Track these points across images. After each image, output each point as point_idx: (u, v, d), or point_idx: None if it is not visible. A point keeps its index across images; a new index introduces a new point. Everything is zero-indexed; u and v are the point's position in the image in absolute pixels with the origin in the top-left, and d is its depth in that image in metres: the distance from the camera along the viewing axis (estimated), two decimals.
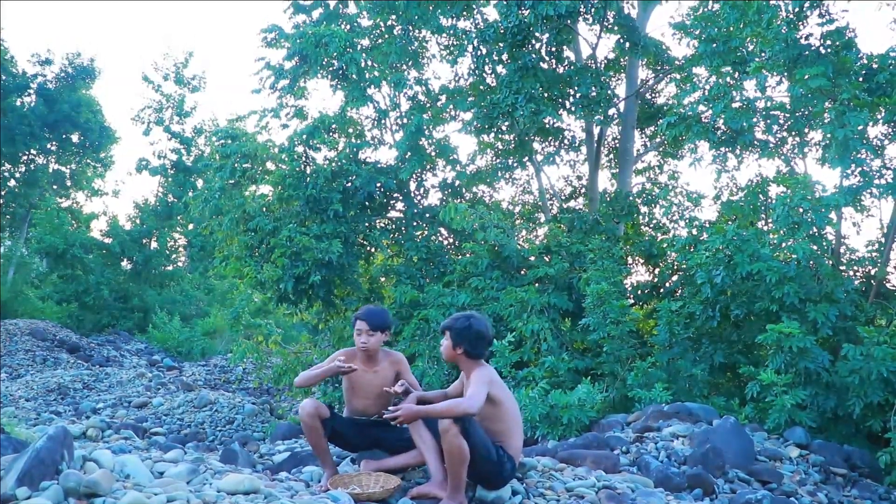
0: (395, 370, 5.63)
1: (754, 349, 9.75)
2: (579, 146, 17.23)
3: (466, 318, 5.09)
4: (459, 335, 5.02)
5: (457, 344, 5.04)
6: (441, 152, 15.74)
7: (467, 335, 5.01)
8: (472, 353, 5.03)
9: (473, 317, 5.11)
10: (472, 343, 5.01)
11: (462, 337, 5.02)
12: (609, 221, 14.18)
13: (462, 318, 5.10)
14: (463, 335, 5.01)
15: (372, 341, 5.52)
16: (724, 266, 9.26)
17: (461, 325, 5.03)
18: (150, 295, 33.06)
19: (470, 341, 5.01)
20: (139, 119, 36.19)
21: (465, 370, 5.08)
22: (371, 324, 5.52)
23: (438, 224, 14.99)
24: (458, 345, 5.03)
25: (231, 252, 15.46)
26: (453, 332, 5.05)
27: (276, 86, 15.70)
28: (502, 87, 13.85)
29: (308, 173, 14.72)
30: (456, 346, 5.04)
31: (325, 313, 15.52)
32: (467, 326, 5.03)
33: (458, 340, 5.03)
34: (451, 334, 5.06)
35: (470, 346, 5.01)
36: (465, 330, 5.02)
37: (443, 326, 5.18)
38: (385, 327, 5.59)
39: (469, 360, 5.04)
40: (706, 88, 11.22)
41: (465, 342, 5.01)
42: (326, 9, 16.10)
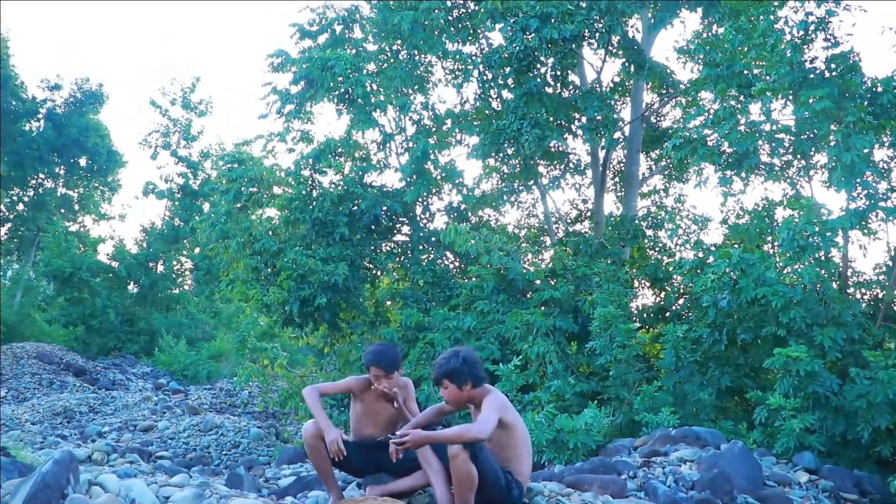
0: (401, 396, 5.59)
1: (761, 373, 9.70)
2: (585, 170, 17.26)
3: (455, 357, 4.98)
4: (460, 375, 4.94)
5: (462, 384, 4.97)
6: (447, 176, 15.79)
7: (466, 370, 4.94)
8: (477, 382, 4.98)
9: (459, 352, 5.03)
10: (472, 373, 4.96)
11: (463, 375, 4.94)
12: (615, 245, 14.18)
13: (451, 359, 4.98)
14: (463, 373, 4.94)
15: (392, 382, 5.49)
16: (730, 290, 9.23)
17: (456, 366, 4.93)
18: (156, 318, 33.08)
19: (470, 373, 4.96)
20: (146, 143, 36.38)
21: (476, 402, 5.02)
22: (386, 368, 5.47)
23: (444, 248, 15.00)
24: (464, 384, 4.97)
25: (237, 275, 15.49)
26: (453, 376, 4.95)
27: (282, 110, 15.80)
28: (508, 112, 13.90)
29: (314, 197, 14.77)
30: (462, 386, 4.97)
31: (330, 337, 15.50)
32: (461, 362, 4.93)
33: (461, 380, 4.96)
34: (452, 379, 4.96)
35: (472, 377, 4.97)
36: (462, 367, 4.93)
37: (438, 377, 5.04)
38: (399, 365, 5.55)
39: (476, 388, 4.99)
40: (711, 112, 11.25)
41: (468, 377, 4.96)
42: (332, 34, 16.22)
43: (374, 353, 5.51)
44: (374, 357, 5.47)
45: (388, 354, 5.51)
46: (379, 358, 5.46)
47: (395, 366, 5.49)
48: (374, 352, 5.53)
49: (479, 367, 4.99)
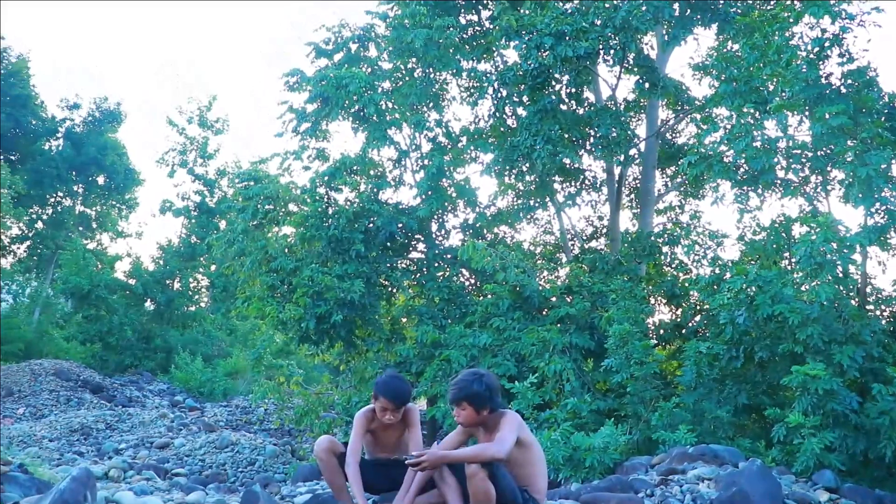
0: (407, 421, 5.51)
1: (779, 390, 9.62)
2: (600, 187, 17.26)
3: (478, 381, 4.91)
4: (480, 399, 4.90)
5: (481, 408, 4.94)
6: (462, 193, 15.82)
7: (486, 394, 4.91)
8: (494, 407, 4.96)
9: (481, 375, 4.98)
10: (492, 397, 4.94)
11: (482, 399, 4.91)
12: (631, 261, 14.15)
13: (474, 382, 4.92)
14: (483, 397, 4.91)
15: (397, 416, 5.44)
16: (747, 307, 9.18)
17: (477, 390, 4.88)
18: (172, 335, 33.19)
19: (489, 397, 4.93)
20: (163, 161, 36.58)
21: (489, 426, 4.98)
22: (396, 403, 5.40)
23: (460, 265, 15.01)
24: (482, 408, 4.94)
25: (253, 293, 15.54)
26: (473, 399, 4.91)
27: (298, 128, 15.89)
28: (522, 128, 13.93)
29: (330, 214, 14.84)
30: (480, 410, 4.94)
31: (346, 354, 15.52)
32: (483, 387, 4.87)
33: (481, 404, 4.92)
34: (472, 401, 4.92)
35: (491, 401, 4.94)
36: (483, 391, 4.88)
37: (455, 398, 4.97)
38: (405, 399, 5.45)
39: (494, 412, 4.97)
40: (727, 128, 11.22)
41: (487, 401, 4.93)
42: (348, 52, 16.32)
43: (386, 385, 5.36)
44: (385, 389, 5.33)
45: (402, 389, 5.37)
46: (392, 392, 5.32)
47: (406, 402, 5.41)
48: (386, 384, 5.37)
49: (498, 392, 4.97)
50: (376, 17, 16.33)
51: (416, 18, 15.00)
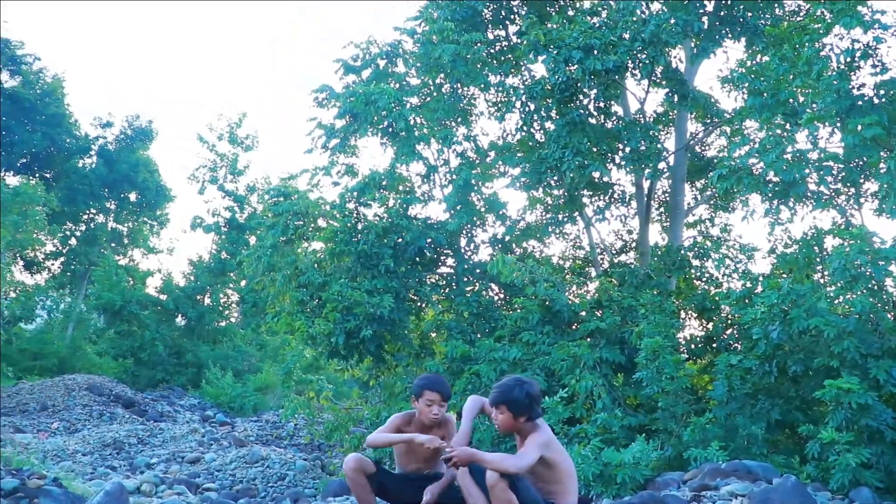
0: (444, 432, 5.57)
1: (813, 405, 9.49)
2: (629, 200, 17.18)
3: (520, 388, 4.93)
4: (519, 406, 4.92)
5: (518, 415, 4.95)
6: (490, 207, 15.83)
7: (526, 402, 4.91)
8: (532, 417, 4.96)
9: (524, 382, 4.99)
10: (531, 407, 4.94)
11: (521, 407, 4.92)
12: (661, 275, 14.05)
13: (515, 388, 4.94)
14: (522, 405, 4.92)
15: (442, 412, 5.50)
16: (780, 321, 9.07)
17: (518, 396, 4.89)
18: (203, 351, 33.44)
19: (528, 406, 4.93)
20: (194, 178, 36.99)
21: (523, 434, 4.99)
22: (444, 395, 5.47)
23: (489, 279, 15.00)
24: (520, 415, 4.95)
25: (283, 308, 15.62)
26: (512, 405, 4.92)
27: (327, 144, 15.99)
28: (550, 142, 13.92)
29: (359, 229, 14.90)
30: (518, 416, 4.95)
31: (375, 369, 15.54)
32: (524, 395, 4.90)
33: (519, 411, 4.93)
34: (510, 407, 4.94)
35: (531, 411, 4.94)
36: (523, 399, 4.90)
37: (496, 401, 5.01)
38: (450, 396, 5.57)
39: (529, 422, 4.97)
40: (757, 141, 11.15)
41: (525, 410, 4.93)
42: (376, 68, 16.41)
43: (429, 380, 5.55)
44: (430, 382, 5.51)
45: (446, 382, 5.57)
46: (439, 384, 5.50)
47: (450, 395, 5.52)
48: (429, 378, 5.58)
49: (539, 403, 4.99)
50: (404, 34, 16.43)
51: (443, 34, 15.06)
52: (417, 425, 5.53)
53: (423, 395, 5.48)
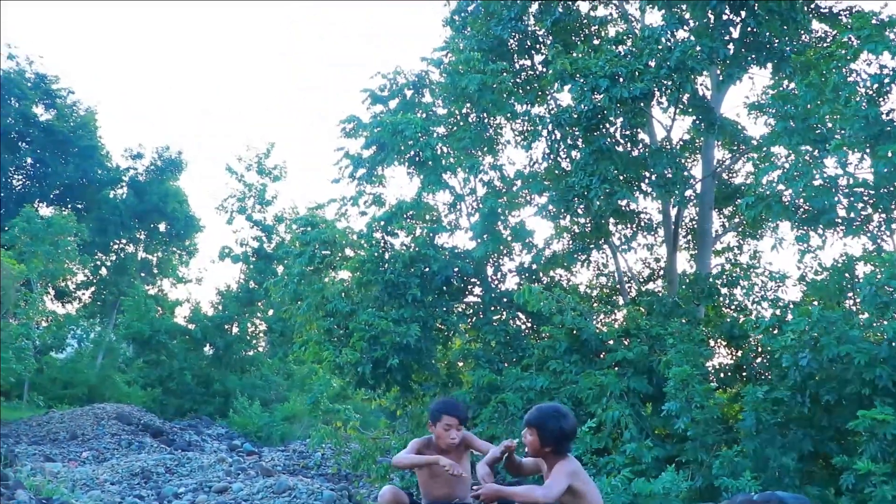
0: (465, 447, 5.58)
1: (847, 435, 9.33)
2: (656, 228, 17.10)
3: (556, 418, 4.87)
4: (549, 434, 4.87)
5: (545, 443, 4.91)
6: (517, 236, 15.83)
7: (557, 434, 4.87)
8: (559, 450, 4.92)
9: (562, 414, 4.94)
10: (561, 440, 4.89)
11: (552, 436, 4.88)
12: (689, 303, 13.95)
13: (552, 417, 4.87)
14: (553, 434, 4.87)
15: (461, 436, 5.49)
16: (811, 349, 8.95)
17: (552, 425, 4.83)
18: (230, 380, 33.55)
19: (558, 439, 4.89)
20: (223, 208, 37.33)
21: (549, 462, 4.96)
22: (462, 419, 5.49)
23: (516, 308, 14.96)
24: (547, 444, 4.91)
25: (310, 337, 15.66)
26: (542, 431, 4.89)
27: (354, 174, 16.09)
28: (577, 170, 13.93)
29: (386, 258, 14.94)
30: (545, 444, 4.91)
31: (402, 398, 15.51)
32: (559, 426, 4.85)
33: (547, 440, 4.89)
34: (540, 431, 4.90)
35: (558, 443, 4.90)
36: (557, 430, 4.85)
37: (529, 420, 4.95)
38: (468, 419, 5.58)
39: (555, 455, 4.93)
40: (785, 167, 11.08)
41: (554, 440, 4.89)
42: (403, 98, 16.54)
43: (445, 403, 5.56)
44: (445, 406, 5.52)
45: (461, 404, 5.61)
46: (453, 407, 5.51)
47: (467, 416, 5.51)
48: (444, 402, 5.60)
49: (569, 440, 4.91)
50: (431, 64, 16.56)
51: (469, 64, 15.16)
52: (435, 450, 5.52)
53: (441, 419, 5.48)
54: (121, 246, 41.36)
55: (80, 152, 38.86)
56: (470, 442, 5.60)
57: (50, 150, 38.38)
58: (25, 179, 40.15)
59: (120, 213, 39.03)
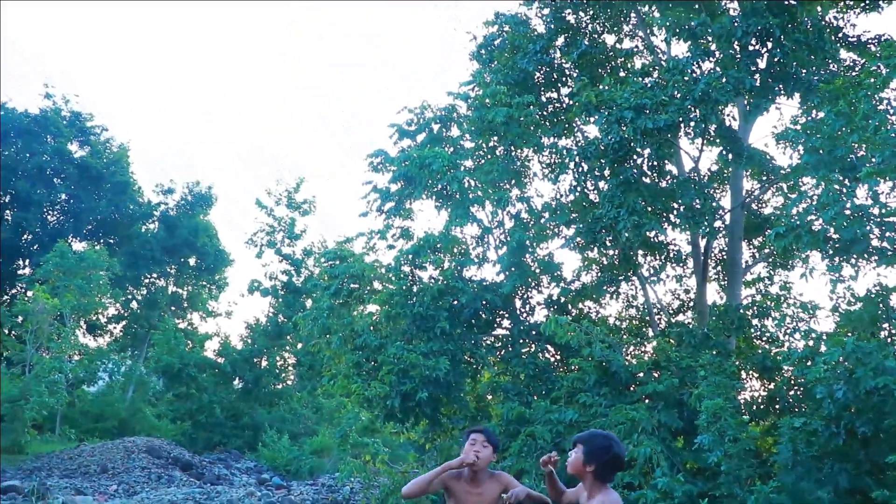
0: (501, 488, 5.51)
1: (886, 469, 9.15)
2: (685, 259, 16.99)
3: (607, 439, 4.80)
4: (595, 453, 4.79)
5: (589, 461, 4.83)
6: (545, 269, 15.80)
7: (603, 455, 4.78)
8: (601, 475, 4.84)
9: (614, 440, 4.88)
10: (606, 464, 4.81)
11: (597, 456, 4.78)
12: (720, 335, 13.80)
13: (602, 437, 4.82)
14: (599, 454, 4.78)
15: (485, 453, 5.43)
16: (846, 380, 8.82)
17: (600, 444, 4.74)
18: (260, 413, 33.61)
19: (604, 462, 4.80)
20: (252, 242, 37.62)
21: (589, 490, 4.88)
22: (488, 436, 5.48)
23: (545, 341, 14.90)
24: (591, 462, 4.83)
25: (339, 370, 15.68)
26: (588, 448, 4.82)
27: (382, 208, 16.19)
28: (604, 201, 13.92)
29: (414, 292, 14.97)
30: (588, 462, 4.83)
31: (431, 432, 15.45)
32: (607, 447, 4.77)
33: (591, 458, 4.80)
34: (586, 449, 4.83)
35: (602, 466, 4.82)
36: (603, 450, 4.77)
37: (577, 438, 4.90)
38: (497, 445, 5.54)
39: (596, 480, 4.85)
40: (815, 197, 11.00)
41: (599, 462, 4.81)
42: (430, 132, 16.67)
43: (470, 428, 5.57)
44: (471, 429, 5.52)
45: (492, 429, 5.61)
46: (483, 428, 5.52)
47: (495, 441, 5.48)
48: (471, 427, 5.60)
49: (613, 469, 4.82)
50: (457, 98, 16.69)
51: (496, 98, 15.27)
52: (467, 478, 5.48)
53: (468, 437, 5.48)
54: (151, 280, 41.83)
55: (113, 188, 39.52)
56: (508, 482, 5.53)
57: (84, 186, 39.06)
58: (60, 215, 40.85)
59: (151, 248, 39.52)
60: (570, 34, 16.70)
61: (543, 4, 16.84)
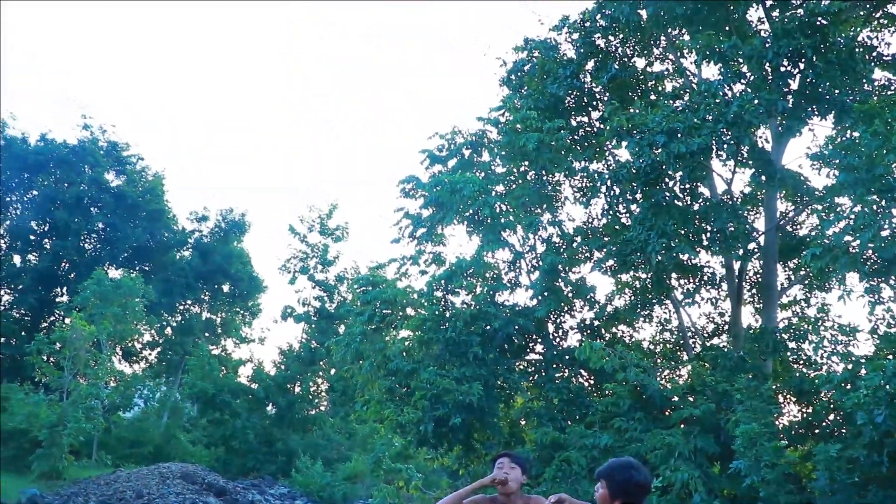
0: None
1: None
2: (720, 282, 16.83)
3: (626, 469, 4.78)
4: (619, 485, 4.75)
5: (615, 495, 4.80)
6: (578, 293, 15.75)
7: (627, 486, 4.76)
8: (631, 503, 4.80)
9: (634, 467, 4.82)
10: (631, 493, 4.77)
11: (622, 488, 4.76)
12: (755, 359, 13.64)
13: (621, 468, 4.77)
14: (623, 486, 4.75)
15: (514, 473, 5.39)
16: (887, 405, 8.67)
17: (622, 477, 4.72)
18: (293, 439, 33.66)
19: (628, 491, 4.77)
20: (285, 268, 37.81)
21: None
22: (513, 458, 5.43)
23: (578, 365, 14.82)
24: (617, 496, 4.80)
25: (372, 396, 15.71)
26: (611, 482, 4.80)
27: (414, 233, 16.26)
28: (636, 224, 13.86)
29: (447, 317, 14.99)
30: (614, 497, 4.80)
31: (465, 458, 15.39)
32: (628, 478, 4.74)
33: (616, 492, 4.78)
34: (608, 483, 4.82)
35: (628, 495, 4.78)
36: (626, 482, 4.73)
37: (599, 474, 4.84)
38: (525, 466, 5.48)
39: None
40: (851, 218, 10.87)
41: (624, 492, 4.78)
42: (461, 158, 16.74)
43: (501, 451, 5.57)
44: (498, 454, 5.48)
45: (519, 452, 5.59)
46: (507, 451, 5.47)
47: (522, 463, 5.42)
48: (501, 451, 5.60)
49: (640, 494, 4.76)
50: (488, 124, 16.76)
51: (527, 123, 15.30)
52: None
53: (495, 465, 5.44)
54: (186, 307, 42.22)
55: (149, 216, 40.08)
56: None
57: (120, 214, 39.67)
58: (96, 243, 41.48)
59: (185, 275, 39.96)
60: (600, 58, 16.71)
61: (573, 29, 16.89)
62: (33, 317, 38.76)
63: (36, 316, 38.74)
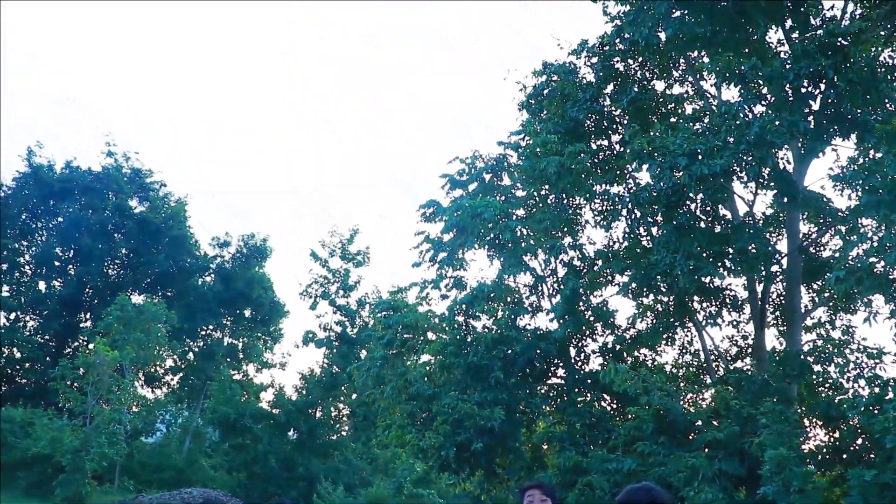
0: None
1: None
2: (742, 305, 16.69)
3: (642, 493, 4.75)
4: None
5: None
6: (599, 316, 15.68)
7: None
8: None
9: (651, 490, 4.77)
10: None
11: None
12: (780, 382, 13.49)
13: (643, 493, 4.77)
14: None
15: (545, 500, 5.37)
16: None
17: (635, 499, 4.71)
18: (314, 464, 33.53)
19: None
20: (307, 293, 37.80)
21: None
22: (544, 490, 5.39)
23: (601, 389, 14.73)
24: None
25: (393, 421, 15.68)
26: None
27: (435, 258, 16.27)
28: (659, 247, 13.81)
29: (468, 341, 14.96)
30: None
31: (487, 483, 15.29)
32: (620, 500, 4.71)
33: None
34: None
35: None
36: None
37: (618, 500, 4.87)
38: (555, 496, 5.44)
39: None
40: (875, 239, 10.78)
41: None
42: (482, 182, 16.76)
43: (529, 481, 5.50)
44: (530, 482, 5.43)
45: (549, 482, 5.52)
46: (536, 482, 5.44)
47: (552, 494, 5.37)
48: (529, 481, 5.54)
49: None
50: (508, 148, 16.80)
51: (547, 147, 15.32)
52: None
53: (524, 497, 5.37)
54: (208, 332, 42.36)
55: (171, 242, 40.38)
56: None
57: (143, 240, 40.02)
58: (120, 269, 41.82)
59: (207, 300, 40.13)
60: (620, 81, 16.73)
61: (592, 53, 16.92)
62: (57, 342, 39.04)
63: (60, 341, 39.02)
